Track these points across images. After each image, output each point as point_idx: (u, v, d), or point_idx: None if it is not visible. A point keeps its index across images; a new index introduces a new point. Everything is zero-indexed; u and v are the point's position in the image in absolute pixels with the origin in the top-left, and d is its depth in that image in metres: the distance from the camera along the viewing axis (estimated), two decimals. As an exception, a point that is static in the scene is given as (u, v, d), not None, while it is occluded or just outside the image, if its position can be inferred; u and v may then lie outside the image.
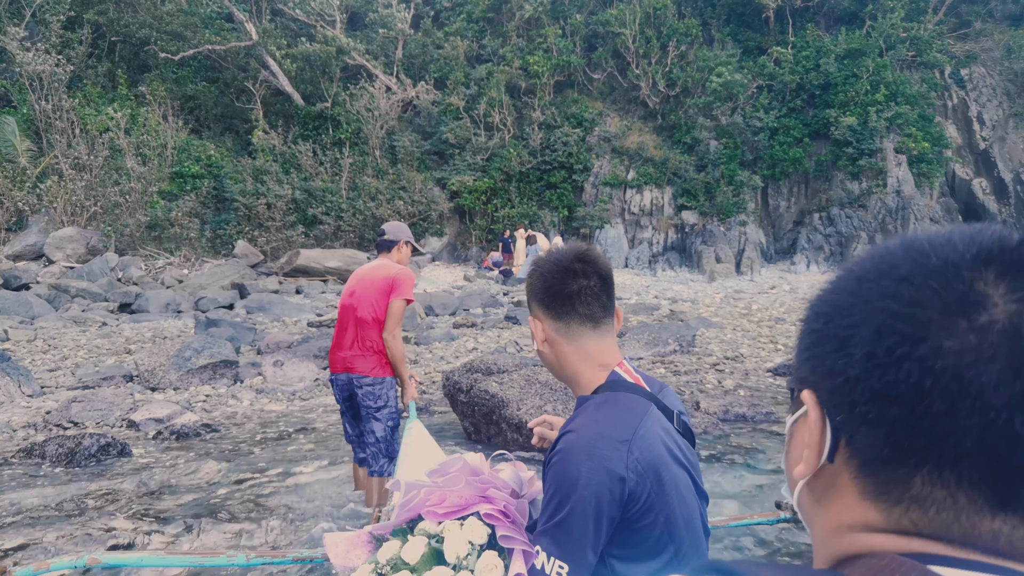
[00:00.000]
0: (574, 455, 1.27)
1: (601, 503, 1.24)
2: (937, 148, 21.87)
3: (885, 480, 0.46)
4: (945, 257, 0.45)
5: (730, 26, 25.09)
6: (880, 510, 0.47)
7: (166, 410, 5.04)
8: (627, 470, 1.26)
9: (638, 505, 1.27)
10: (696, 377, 6.59)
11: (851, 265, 0.52)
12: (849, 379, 0.46)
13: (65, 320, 10.94)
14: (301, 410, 5.87)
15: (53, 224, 16.91)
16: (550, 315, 1.47)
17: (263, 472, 4.35)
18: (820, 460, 0.49)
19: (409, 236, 3.79)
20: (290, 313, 12.27)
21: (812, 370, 0.50)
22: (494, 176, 21.52)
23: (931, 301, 0.44)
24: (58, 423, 5.04)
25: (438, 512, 1.43)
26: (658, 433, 1.36)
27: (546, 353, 1.49)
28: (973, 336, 0.42)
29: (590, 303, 1.43)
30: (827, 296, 0.52)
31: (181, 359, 6.46)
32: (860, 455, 0.47)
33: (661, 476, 1.31)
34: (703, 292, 16.33)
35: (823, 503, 0.51)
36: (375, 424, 3.60)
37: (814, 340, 0.51)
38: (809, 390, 0.50)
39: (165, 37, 21.13)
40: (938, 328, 0.43)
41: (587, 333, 1.44)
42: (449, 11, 26.94)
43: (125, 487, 3.92)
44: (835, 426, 0.48)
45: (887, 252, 0.49)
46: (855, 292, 0.48)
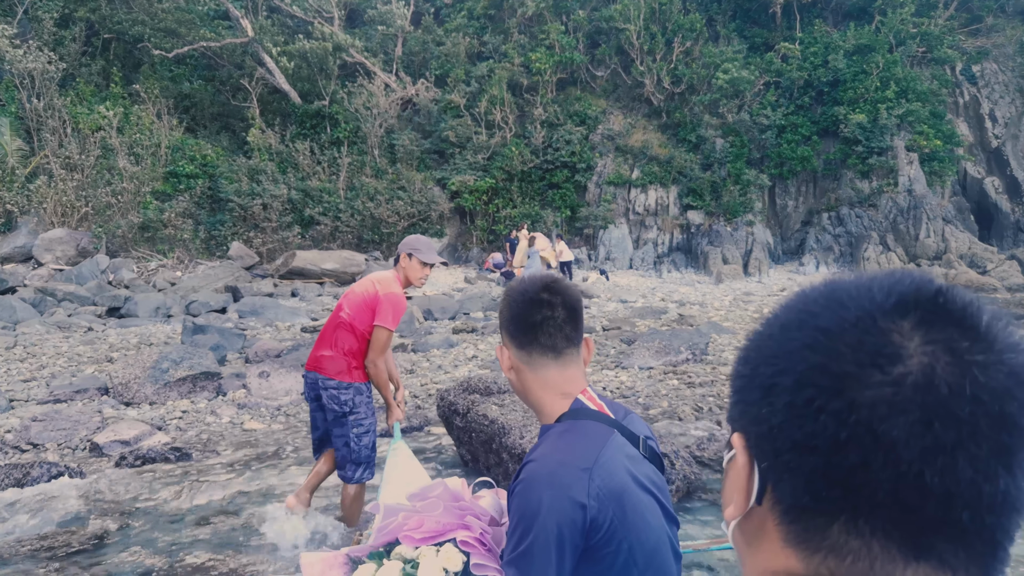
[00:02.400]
0: (535, 484, 1.29)
1: (563, 532, 1.25)
2: (949, 146, 21.41)
3: (805, 528, 0.47)
4: (862, 307, 0.46)
5: (736, 22, 24.64)
6: (800, 558, 0.47)
7: (134, 430, 4.59)
8: (588, 498, 1.27)
9: (600, 533, 1.27)
10: (713, 390, 6.13)
11: (778, 310, 0.52)
12: (772, 427, 0.47)
13: (49, 325, 10.50)
14: (284, 429, 5.41)
15: (43, 225, 16.49)
16: (514, 344, 1.49)
17: (231, 505, 3.89)
18: (748, 503, 0.50)
19: (413, 247, 3.45)
20: (284, 317, 11.82)
21: (741, 414, 0.51)
22: (495, 175, 21.08)
23: (846, 353, 0.45)
24: (16, 445, 4.59)
25: (415, 537, 1.43)
26: (621, 460, 1.37)
27: (513, 380, 1.52)
28: (887, 389, 0.43)
29: (552, 334, 1.44)
30: (755, 342, 0.52)
31: (158, 371, 6.01)
32: (783, 502, 0.48)
33: (624, 503, 1.31)
34: (711, 294, 15.85)
35: (752, 546, 0.52)
36: (342, 429, 3.45)
37: (742, 385, 0.51)
38: (739, 433, 0.51)
39: (159, 34, 20.71)
40: (853, 381, 0.44)
41: (549, 363, 1.45)
42: (450, 8, 26.52)
43: (64, 525, 3.47)
44: (761, 472, 0.49)
45: (809, 300, 0.50)
46: (779, 340, 0.49)
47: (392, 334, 3.39)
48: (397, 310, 3.37)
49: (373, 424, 3.49)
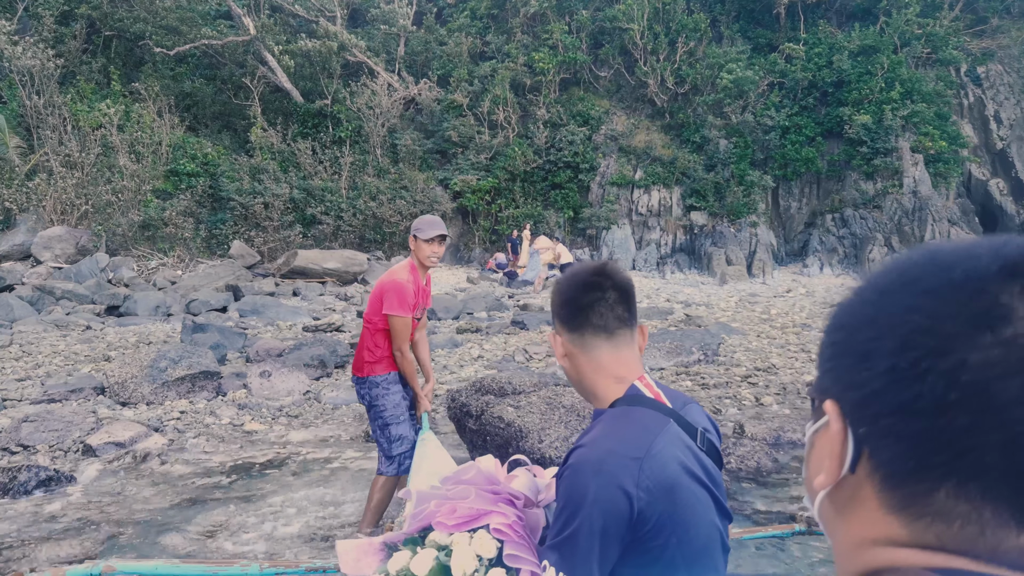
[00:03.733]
0: (583, 470, 1.26)
1: (608, 521, 1.23)
2: (954, 147, 21.25)
3: (908, 494, 0.46)
4: (969, 270, 0.45)
5: (740, 22, 24.50)
6: (903, 524, 0.46)
7: (129, 432, 4.43)
8: (637, 488, 1.24)
9: (648, 526, 1.24)
10: (728, 391, 5.97)
11: (873, 276, 0.51)
12: (872, 392, 0.46)
13: (46, 324, 10.35)
14: (286, 430, 5.25)
15: (42, 223, 16.33)
16: (566, 328, 1.49)
17: (230, 510, 3.73)
18: (841, 471, 0.49)
19: (415, 228, 3.45)
20: (285, 317, 11.67)
21: (834, 381, 0.50)
22: (498, 176, 20.93)
23: (956, 314, 0.44)
24: (5, 446, 4.42)
25: (448, 523, 1.41)
26: (674, 451, 1.33)
27: (567, 368, 1.51)
28: (997, 350, 0.42)
29: (604, 314, 1.43)
30: (849, 307, 0.51)
31: (156, 370, 5.84)
32: (883, 468, 0.47)
33: (675, 497, 1.28)
34: (716, 295, 15.70)
35: (845, 515, 0.50)
36: (371, 423, 3.45)
37: (836, 351, 0.51)
38: (832, 400, 0.50)
39: (160, 32, 20.56)
40: (963, 341, 0.43)
41: (601, 344, 1.44)
42: (452, 7, 26.40)
43: (53, 532, 3.31)
44: (857, 438, 0.48)
45: (910, 264, 0.49)
46: (878, 304, 0.48)
47: (406, 319, 3.31)
48: (400, 295, 3.31)
49: (396, 419, 3.38)
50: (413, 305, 3.35)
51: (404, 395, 3.45)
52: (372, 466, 4.36)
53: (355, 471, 4.36)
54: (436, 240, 3.36)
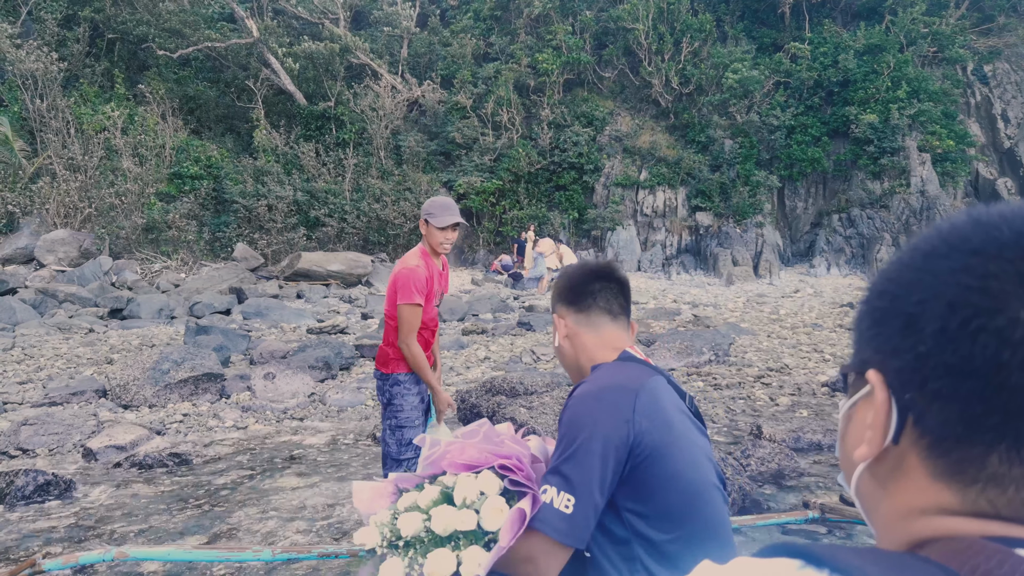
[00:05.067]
0: (584, 400, 1.38)
1: (608, 442, 1.31)
2: (961, 146, 21.10)
3: (959, 459, 0.44)
4: (1016, 228, 0.45)
5: (744, 22, 24.40)
6: (955, 492, 0.45)
7: (131, 435, 4.32)
8: (633, 413, 1.34)
9: (646, 451, 1.32)
10: (742, 392, 5.85)
11: (914, 243, 0.50)
12: (919, 355, 0.45)
13: (49, 327, 10.26)
14: (291, 432, 5.14)
15: (45, 226, 16.29)
16: (573, 309, 1.63)
17: (230, 516, 3.62)
18: (885, 441, 0.48)
19: (427, 212, 3.24)
20: (289, 319, 11.58)
21: (877, 349, 0.49)
22: (502, 177, 20.83)
23: (1006, 273, 0.43)
24: (4, 450, 4.32)
25: (457, 462, 1.46)
26: (668, 394, 1.46)
27: (565, 348, 1.63)
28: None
29: (609, 299, 1.60)
30: (891, 274, 0.50)
31: (158, 372, 5.74)
32: (931, 434, 0.46)
33: (671, 424, 1.37)
34: (723, 296, 15.57)
35: (888, 487, 0.49)
36: (383, 422, 3.29)
37: (878, 319, 0.49)
38: (875, 370, 0.49)
39: (164, 35, 20.54)
40: (1014, 299, 0.42)
41: (606, 322, 1.59)
42: (456, 9, 26.35)
43: (51, 539, 3.20)
44: (902, 405, 0.47)
45: (953, 227, 0.48)
46: (923, 268, 0.47)
47: (416, 308, 3.12)
48: (412, 282, 3.13)
49: (411, 422, 3.22)
50: (428, 291, 3.19)
51: (423, 398, 3.31)
52: (378, 467, 4.25)
53: (361, 473, 4.25)
54: (450, 228, 3.21)
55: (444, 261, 3.44)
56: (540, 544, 1.32)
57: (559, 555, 1.32)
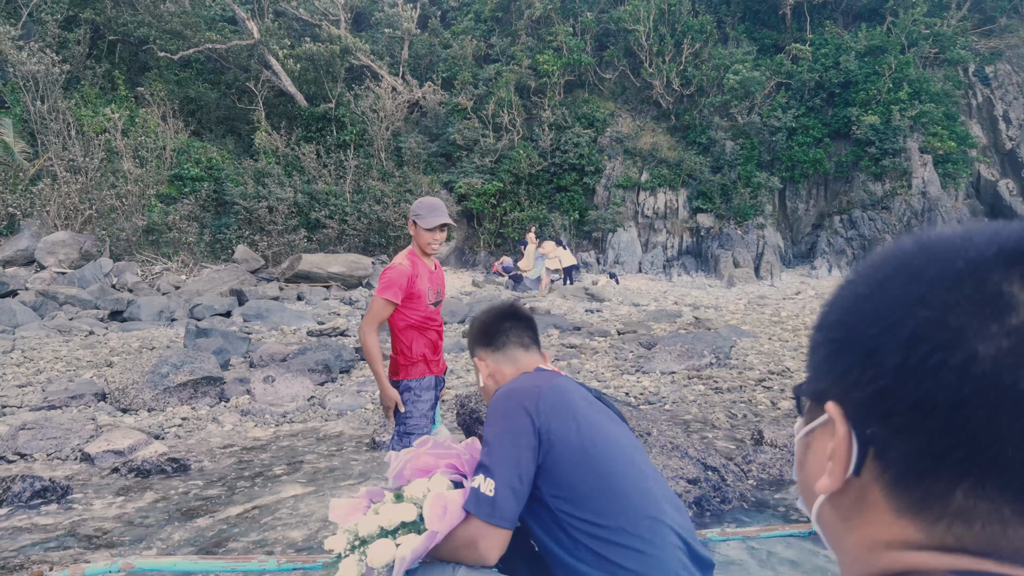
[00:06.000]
0: (496, 402, 1.64)
1: (517, 433, 1.53)
2: (963, 148, 21.07)
3: (923, 495, 0.44)
4: (969, 259, 0.44)
5: (745, 23, 24.39)
6: (920, 527, 0.44)
7: (129, 440, 4.30)
8: (537, 407, 1.56)
9: (552, 438, 1.53)
10: (743, 396, 5.82)
11: (865, 269, 0.49)
12: (880, 389, 0.45)
13: (49, 329, 10.25)
14: (290, 437, 5.12)
15: (46, 228, 16.27)
16: (490, 349, 1.85)
17: (231, 522, 3.60)
18: (847, 474, 0.47)
19: (415, 213, 3.29)
20: (289, 321, 11.56)
21: (835, 381, 0.48)
22: (503, 178, 20.82)
23: (962, 305, 0.43)
24: (2, 455, 4.30)
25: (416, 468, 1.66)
26: (576, 389, 1.69)
27: (490, 386, 1.84)
28: (1007, 340, 0.41)
29: (520, 333, 1.84)
30: (846, 303, 0.49)
31: (157, 376, 5.72)
32: (894, 468, 0.45)
33: (576, 414, 1.58)
34: (724, 297, 15.54)
35: (851, 520, 0.48)
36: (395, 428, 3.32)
37: (835, 349, 0.48)
38: (834, 402, 0.48)
39: (164, 36, 20.54)
40: (972, 333, 0.42)
41: (520, 353, 1.83)
42: (456, 10, 26.35)
43: (48, 547, 3.18)
44: (863, 439, 0.46)
45: (906, 255, 0.47)
46: (878, 298, 0.46)
47: (387, 304, 3.16)
48: (389, 279, 3.17)
49: (420, 429, 3.21)
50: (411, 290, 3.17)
51: (432, 404, 3.29)
52: (379, 472, 4.24)
53: (361, 477, 4.23)
54: (437, 228, 3.21)
55: (437, 263, 3.43)
56: (476, 527, 1.51)
57: (495, 536, 1.49)
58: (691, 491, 3.27)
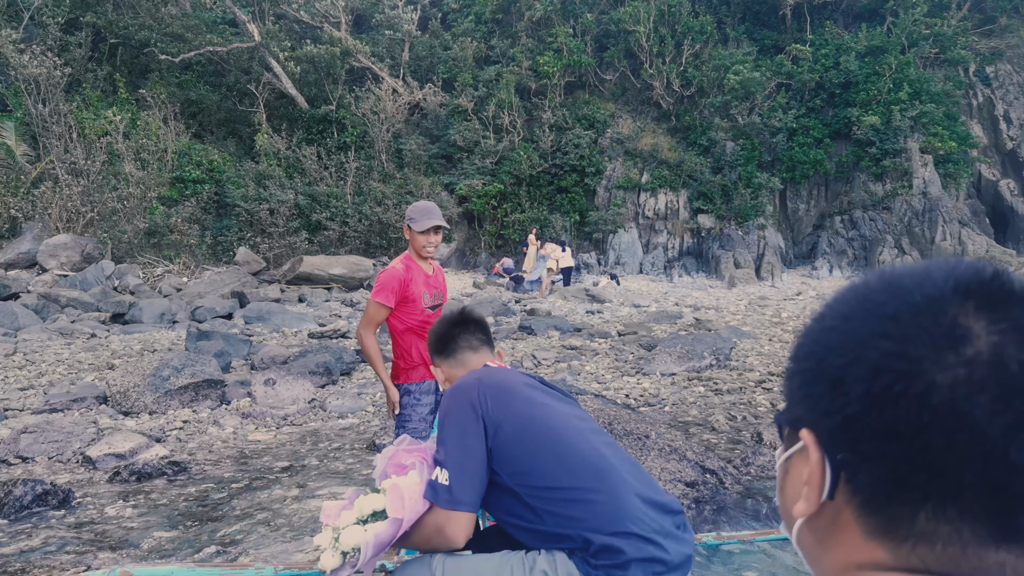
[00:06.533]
0: (444, 400, 1.78)
1: (463, 424, 1.67)
2: (964, 148, 21.06)
3: (890, 518, 0.46)
4: (927, 293, 0.46)
5: (745, 24, 24.40)
6: (887, 548, 0.47)
7: (130, 443, 4.32)
8: (479, 393, 1.71)
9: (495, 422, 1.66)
10: (742, 397, 5.83)
11: (833, 303, 0.52)
12: (847, 418, 0.47)
13: (51, 332, 10.27)
14: (291, 440, 5.14)
15: (47, 231, 16.30)
16: (443, 358, 2.01)
17: (233, 524, 3.62)
18: (821, 498, 0.49)
19: (408, 217, 3.30)
20: (291, 323, 11.58)
21: (808, 409, 0.51)
22: (504, 180, 20.84)
23: (920, 337, 0.45)
24: (3, 458, 4.32)
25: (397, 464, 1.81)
26: (517, 376, 1.86)
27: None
28: (963, 369, 0.43)
29: (468, 338, 1.99)
30: (815, 335, 0.52)
31: (158, 379, 5.74)
32: (863, 493, 0.47)
33: (516, 396, 1.73)
34: (725, 299, 15.54)
35: (826, 541, 0.51)
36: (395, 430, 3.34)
37: (807, 380, 0.51)
38: (807, 429, 0.50)
39: (166, 39, 20.58)
40: (930, 364, 0.44)
41: (469, 356, 1.98)
42: (457, 12, 26.39)
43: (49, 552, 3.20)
44: (835, 464, 0.48)
45: (869, 290, 0.50)
46: (843, 331, 0.49)
47: (381, 307, 3.20)
48: (382, 282, 3.21)
49: (418, 432, 3.23)
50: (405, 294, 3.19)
51: (432, 409, 3.30)
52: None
53: (361, 480, 4.25)
54: (435, 231, 3.23)
55: (437, 267, 3.44)
56: (438, 515, 1.63)
57: (457, 520, 1.61)
58: (689, 494, 3.28)
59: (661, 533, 1.62)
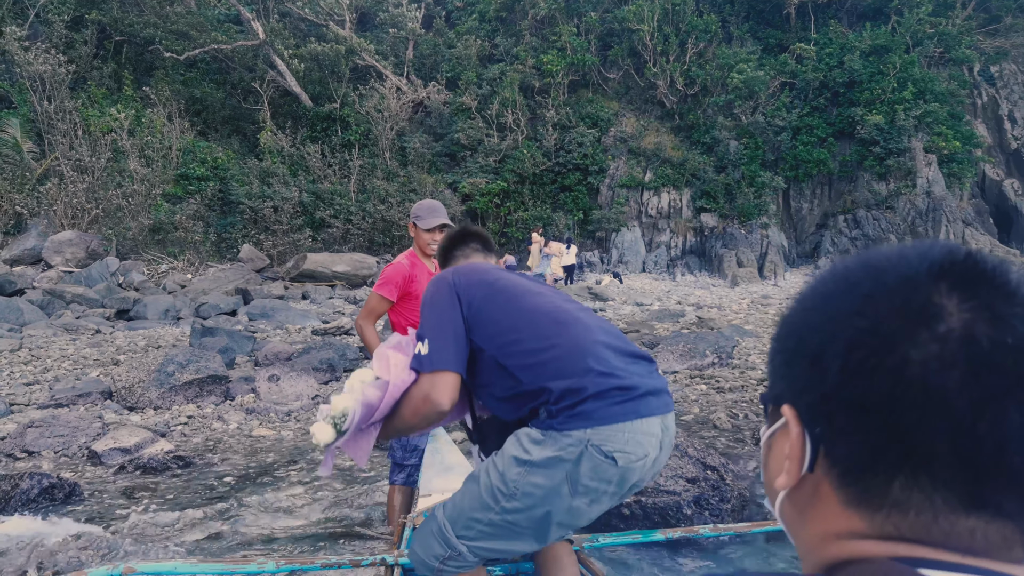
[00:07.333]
0: (426, 288, 1.92)
1: (441, 299, 1.81)
2: (968, 148, 21.02)
3: (865, 488, 0.48)
4: (901, 273, 0.48)
5: (750, 23, 24.37)
6: (863, 517, 0.49)
7: (135, 438, 4.36)
8: (455, 274, 1.88)
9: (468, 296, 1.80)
10: (745, 396, 5.85)
11: (813, 284, 0.54)
12: (825, 393, 0.49)
13: (56, 328, 10.33)
14: (295, 436, 5.17)
15: (52, 227, 16.38)
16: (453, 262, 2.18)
17: (234, 523, 3.66)
18: (802, 471, 0.51)
19: (414, 215, 3.31)
20: (294, 320, 11.62)
21: (789, 386, 0.53)
22: (507, 178, 20.86)
23: (894, 315, 0.47)
24: (10, 452, 4.37)
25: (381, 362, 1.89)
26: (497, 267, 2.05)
27: None
28: (935, 345, 0.45)
29: (464, 247, 2.19)
30: (796, 315, 0.54)
31: (163, 374, 5.78)
32: (840, 464, 0.49)
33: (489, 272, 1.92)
34: (727, 297, 15.55)
35: (806, 513, 0.53)
36: None
37: (788, 358, 0.53)
38: (788, 405, 0.52)
39: (170, 37, 20.65)
40: (903, 339, 0.46)
41: (475, 255, 2.17)
42: (461, 10, 26.40)
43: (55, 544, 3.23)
44: (814, 438, 0.50)
45: (847, 271, 0.52)
46: (823, 310, 0.51)
47: (382, 300, 3.23)
48: (386, 276, 3.24)
49: None
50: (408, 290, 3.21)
51: None
52: (379, 471, 4.28)
53: (364, 476, 4.28)
54: (436, 230, 3.26)
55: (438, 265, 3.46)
56: (423, 380, 1.72)
57: (441, 381, 1.69)
58: (690, 490, 3.30)
59: (621, 368, 1.67)
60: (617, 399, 1.61)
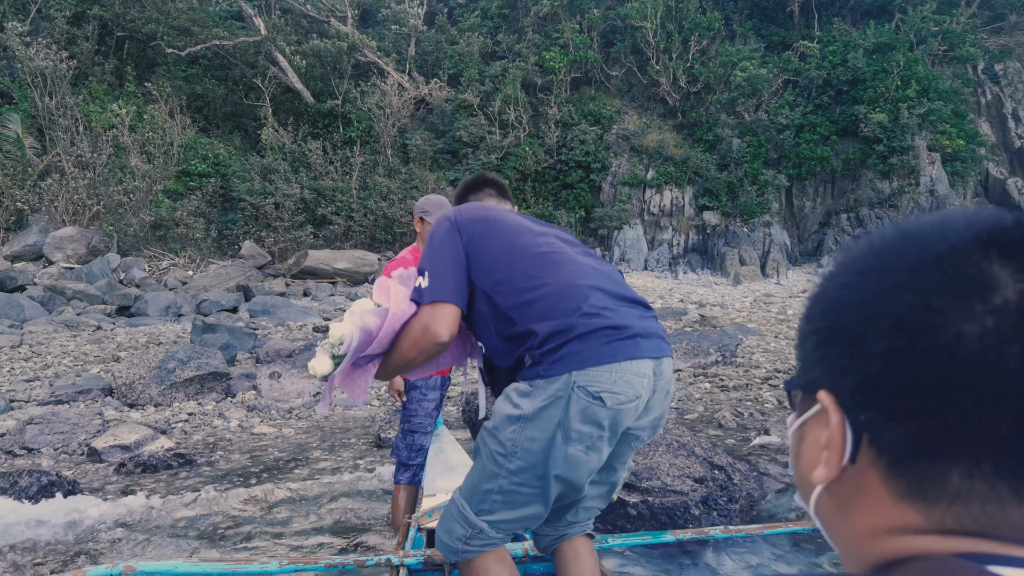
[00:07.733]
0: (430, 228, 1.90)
1: (443, 235, 1.81)
2: (972, 146, 20.94)
3: (920, 478, 0.44)
4: (948, 242, 0.44)
5: (753, 20, 24.28)
6: (918, 511, 0.44)
7: (135, 435, 4.32)
8: (458, 212, 1.87)
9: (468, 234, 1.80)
10: (748, 394, 5.81)
11: (845, 259, 0.50)
12: (870, 376, 0.45)
13: (56, 324, 10.31)
14: (296, 433, 5.14)
15: (54, 224, 16.36)
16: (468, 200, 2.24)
17: (235, 521, 3.62)
18: (843, 462, 0.47)
19: (422, 210, 3.26)
20: (295, 317, 11.60)
21: (825, 370, 0.48)
22: (509, 176, 20.79)
23: (945, 288, 0.43)
24: (9, 449, 4.33)
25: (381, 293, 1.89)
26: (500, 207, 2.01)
27: None
28: (991, 319, 0.41)
29: (476, 193, 2.25)
30: (829, 292, 0.50)
31: (164, 371, 5.75)
32: (889, 454, 0.45)
33: (492, 211, 1.89)
34: (730, 295, 15.51)
35: (849, 508, 0.48)
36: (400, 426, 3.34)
37: (823, 339, 0.49)
38: (825, 391, 0.48)
39: (172, 33, 20.60)
40: (956, 314, 0.42)
41: (489, 199, 2.22)
42: (463, 7, 26.32)
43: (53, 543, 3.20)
44: (857, 426, 0.46)
45: (885, 242, 0.47)
46: (861, 286, 0.47)
47: None
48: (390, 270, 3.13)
49: (423, 428, 3.22)
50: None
51: (438, 404, 3.29)
52: (381, 469, 4.25)
53: (366, 474, 4.25)
54: None
55: None
56: (423, 312, 1.72)
57: (440, 312, 1.69)
58: (698, 490, 3.26)
59: (611, 308, 1.64)
60: (604, 339, 1.58)
